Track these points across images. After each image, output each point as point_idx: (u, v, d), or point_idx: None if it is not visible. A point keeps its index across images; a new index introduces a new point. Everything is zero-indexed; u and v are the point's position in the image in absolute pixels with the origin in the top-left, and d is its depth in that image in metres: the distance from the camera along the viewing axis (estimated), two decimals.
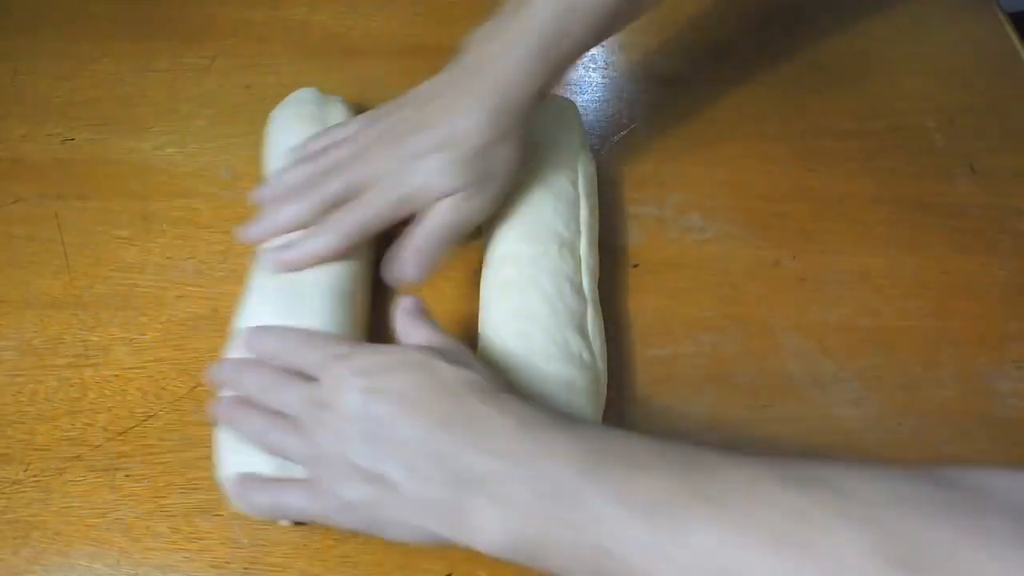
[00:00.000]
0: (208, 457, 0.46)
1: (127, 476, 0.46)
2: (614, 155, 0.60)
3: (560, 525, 0.34)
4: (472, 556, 0.42)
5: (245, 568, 0.43)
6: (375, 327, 0.50)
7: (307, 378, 0.42)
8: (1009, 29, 0.67)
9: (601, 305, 0.49)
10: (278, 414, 0.42)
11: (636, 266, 0.54)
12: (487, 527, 0.36)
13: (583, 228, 0.51)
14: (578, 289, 0.48)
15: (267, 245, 0.49)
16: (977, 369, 0.49)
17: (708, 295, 0.53)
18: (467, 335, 0.49)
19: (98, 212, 0.57)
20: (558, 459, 0.35)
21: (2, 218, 0.57)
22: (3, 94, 0.64)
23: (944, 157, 0.59)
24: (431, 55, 0.58)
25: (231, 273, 0.54)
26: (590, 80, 0.66)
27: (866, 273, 0.53)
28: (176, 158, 0.60)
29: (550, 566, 0.35)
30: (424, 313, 0.45)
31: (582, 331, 0.46)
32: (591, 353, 0.46)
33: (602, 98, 0.65)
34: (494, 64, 0.47)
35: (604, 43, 0.68)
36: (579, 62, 0.51)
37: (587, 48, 0.50)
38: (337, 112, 0.56)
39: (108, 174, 0.59)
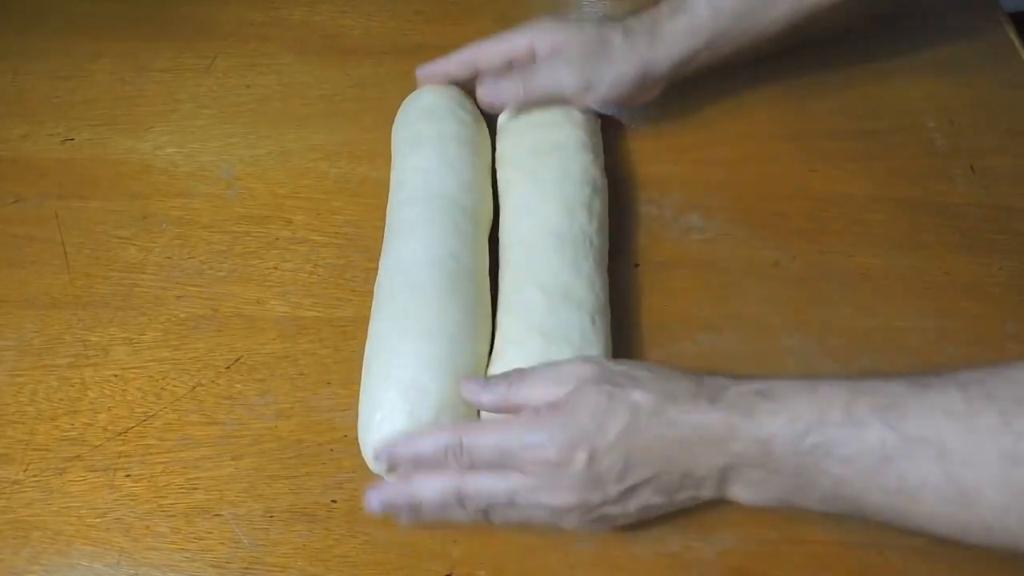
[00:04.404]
0: (209, 457, 0.46)
1: (127, 476, 0.46)
2: (614, 155, 0.60)
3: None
4: (472, 556, 0.43)
5: (245, 568, 0.43)
6: None
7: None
8: (1009, 29, 0.67)
9: None
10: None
11: (637, 266, 0.54)
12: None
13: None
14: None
15: None
16: None
17: (708, 295, 0.53)
18: None
19: (98, 212, 0.57)
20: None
21: (2, 218, 0.57)
22: (3, 94, 0.64)
23: (944, 157, 0.59)
24: (431, 55, 0.58)
25: (231, 273, 0.54)
26: None
27: (866, 273, 0.53)
28: (176, 158, 0.60)
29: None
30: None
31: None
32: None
33: None
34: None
35: None
36: None
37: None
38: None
39: (108, 174, 0.59)
